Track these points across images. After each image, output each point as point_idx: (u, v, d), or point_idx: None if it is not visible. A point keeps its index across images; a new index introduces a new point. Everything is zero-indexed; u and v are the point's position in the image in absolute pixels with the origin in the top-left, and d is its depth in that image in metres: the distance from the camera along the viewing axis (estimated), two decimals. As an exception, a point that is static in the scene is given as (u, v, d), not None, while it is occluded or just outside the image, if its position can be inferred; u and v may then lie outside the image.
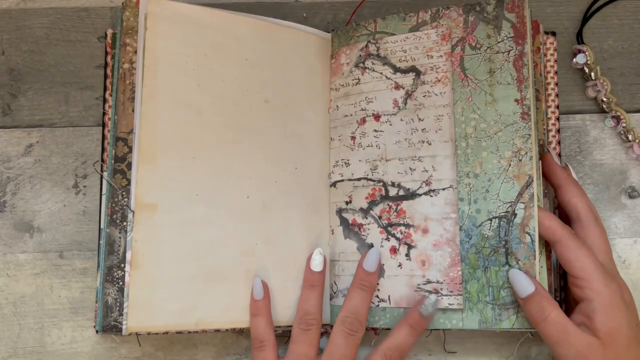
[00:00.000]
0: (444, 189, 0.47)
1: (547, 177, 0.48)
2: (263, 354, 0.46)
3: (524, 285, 0.43)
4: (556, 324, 0.42)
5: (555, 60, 0.53)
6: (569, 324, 0.42)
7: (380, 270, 0.47)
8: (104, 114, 0.51)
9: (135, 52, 0.46)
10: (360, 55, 0.51)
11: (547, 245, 0.46)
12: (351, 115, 0.51)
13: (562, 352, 0.42)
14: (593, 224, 0.46)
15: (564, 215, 0.47)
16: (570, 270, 0.44)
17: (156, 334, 0.47)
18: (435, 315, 0.46)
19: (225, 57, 0.49)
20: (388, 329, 0.47)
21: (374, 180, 0.49)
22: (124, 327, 0.44)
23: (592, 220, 0.46)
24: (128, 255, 0.45)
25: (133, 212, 0.45)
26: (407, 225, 0.47)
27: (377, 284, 0.47)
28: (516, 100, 0.45)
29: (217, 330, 0.47)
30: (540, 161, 0.47)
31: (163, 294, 0.45)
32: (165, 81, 0.47)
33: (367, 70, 0.51)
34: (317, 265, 0.48)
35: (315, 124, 0.52)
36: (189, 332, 0.47)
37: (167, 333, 0.46)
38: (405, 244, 0.47)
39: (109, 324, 0.45)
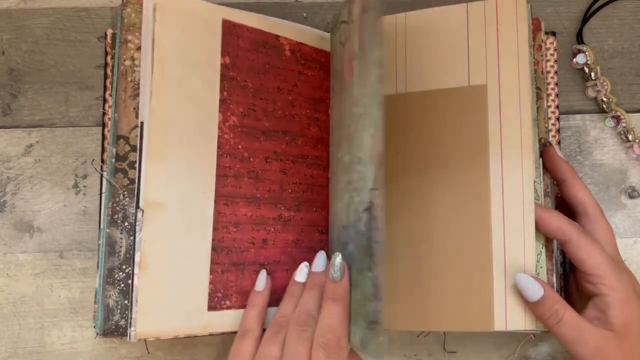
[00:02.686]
0: None
1: (550, 171, 0.48)
2: (244, 342, 0.44)
3: (533, 290, 0.43)
4: (570, 324, 0.42)
5: (555, 60, 0.53)
6: (582, 322, 0.42)
7: None
8: (104, 114, 0.51)
9: (137, 49, 0.46)
10: None
11: (548, 246, 0.46)
12: None
13: (580, 351, 0.42)
14: (600, 217, 0.46)
15: (565, 210, 0.47)
16: (583, 268, 0.44)
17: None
18: (346, 273, 0.43)
19: None
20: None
21: None
22: (132, 333, 0.43)
23: (599, 213, 0.46)
24: (137, 257, 0.44)
25: (142, 211, 0.44)
26: None
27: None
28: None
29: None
30: (540, 158, 0.47)
31: (172, 296, 0.44)
32: (173, 76, 0.46)
33: None
34: (302, 276, 0.47)
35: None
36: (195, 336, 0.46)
37: (175, 338, 0.45)
38: None
39: (110, 328, 0.44)
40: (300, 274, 0.47)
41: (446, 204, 0.47)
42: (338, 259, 0.44)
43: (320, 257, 0.47)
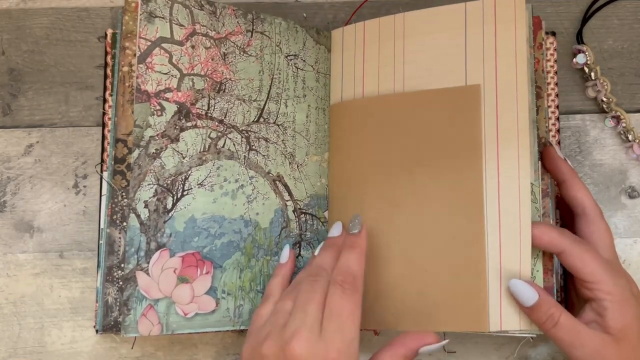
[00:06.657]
0: None
1: (550, 172, 0.48)
2: (264, 305, 0.44)
3: (528, 295, 0.43)
4: (567, 328, 0.42)
5: (555, 60, 0.53)
6: (578, 325, 0.42)
7: None
8: (104, 113, 0.51)
9: (135, 55, 0.46)
10: None
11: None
12: None
13: (577, 353, 0.42)
14: (599, 218, 0.46)
15: (565, 210, 0.47)
16: (579, 275, 0.43)
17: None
18: (364, 228, 0.45)
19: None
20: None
21: None
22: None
23: (598, 215, 0.46)
24: None
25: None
26: None
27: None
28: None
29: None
30: (539, 161, 0.47)
31: None
32: None
33: None
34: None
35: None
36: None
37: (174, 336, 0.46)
38: None
39: (109, 324, 0.45)
40: (337, 228, 0.47)
41: (439, 204, 0.47)
42: (358, 217, 0.46)
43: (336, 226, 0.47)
